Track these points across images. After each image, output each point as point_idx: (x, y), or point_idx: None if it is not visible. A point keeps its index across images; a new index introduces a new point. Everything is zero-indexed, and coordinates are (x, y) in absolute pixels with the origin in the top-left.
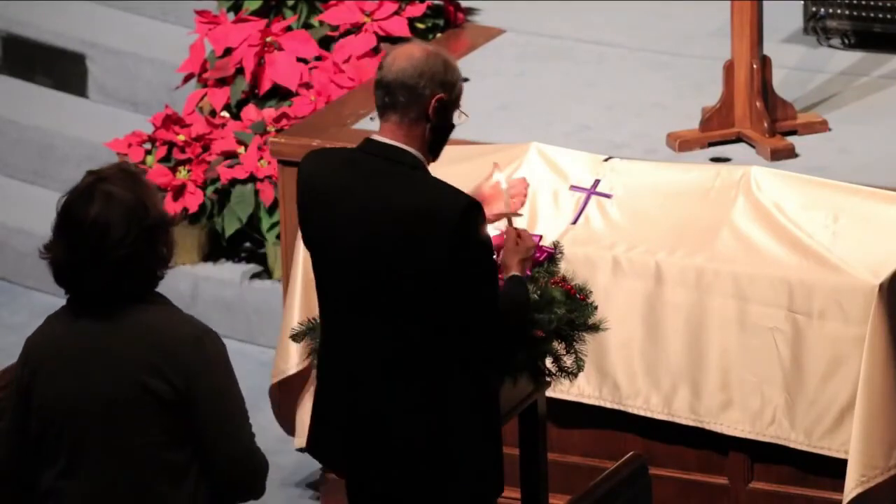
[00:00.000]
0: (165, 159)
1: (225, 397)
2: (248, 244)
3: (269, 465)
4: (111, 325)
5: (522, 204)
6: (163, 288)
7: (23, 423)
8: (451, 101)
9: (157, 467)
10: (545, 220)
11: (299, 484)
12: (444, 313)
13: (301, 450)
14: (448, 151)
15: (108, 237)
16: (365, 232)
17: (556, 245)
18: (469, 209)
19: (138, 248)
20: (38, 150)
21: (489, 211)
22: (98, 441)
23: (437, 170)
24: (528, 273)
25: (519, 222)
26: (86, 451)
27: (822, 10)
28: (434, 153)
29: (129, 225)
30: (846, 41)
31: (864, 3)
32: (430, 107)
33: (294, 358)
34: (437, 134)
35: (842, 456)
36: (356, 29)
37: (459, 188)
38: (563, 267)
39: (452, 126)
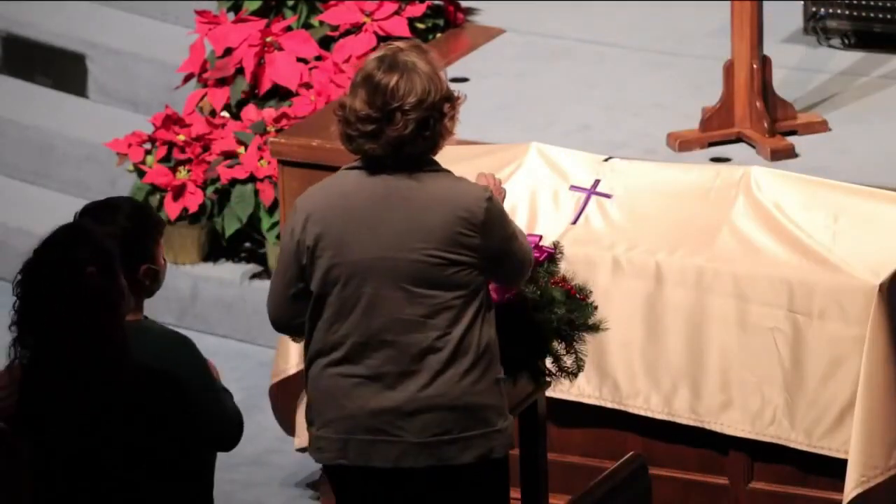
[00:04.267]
0: (165, 159)
1: (512, 240)
2: (248, 244)
3: (269, 465)
4: (402, 192)
5: None
6: (163, 288)
7: (300, 281)
8: None
9: (437, 322)
10: (545, 220)
11: (299, 484)
12: None
13: (301, 450)
14: (448, 151)
15: (407, 101)
16: None
17: (556, 245)
18: None
19: (432, 114)
20: (38, 150)
21: None
22: (384, 301)
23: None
24: None
25: (519, 222)
26: (374, 311)
27: (822, 10)
28: None
29: (427, 94)
30: (846, 41)
31: (864, 3)
32: None
33: (294, 358)
34: None
35: (842, 456)
36: (356, 29)
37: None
38: (563, 267)
39: None
